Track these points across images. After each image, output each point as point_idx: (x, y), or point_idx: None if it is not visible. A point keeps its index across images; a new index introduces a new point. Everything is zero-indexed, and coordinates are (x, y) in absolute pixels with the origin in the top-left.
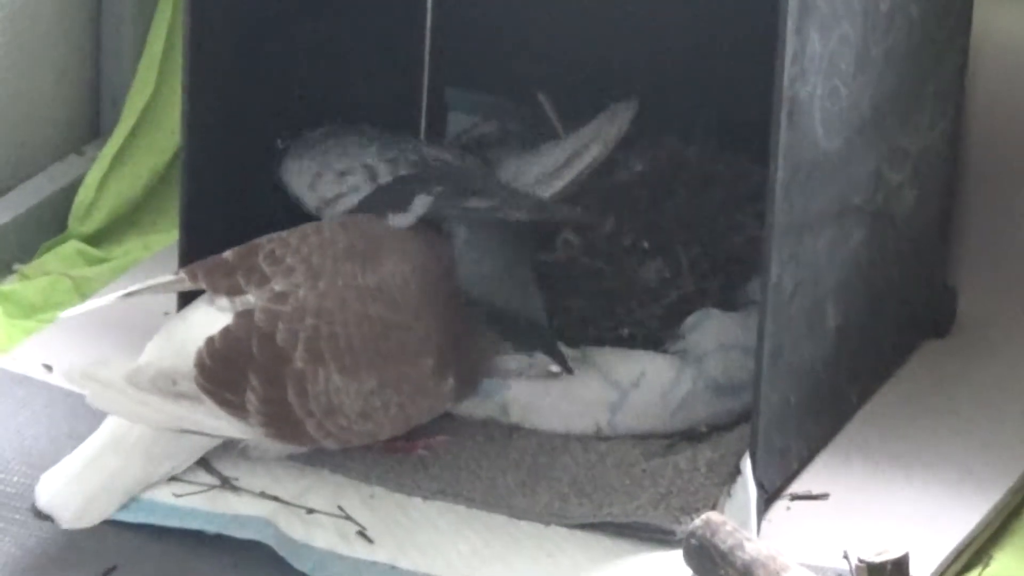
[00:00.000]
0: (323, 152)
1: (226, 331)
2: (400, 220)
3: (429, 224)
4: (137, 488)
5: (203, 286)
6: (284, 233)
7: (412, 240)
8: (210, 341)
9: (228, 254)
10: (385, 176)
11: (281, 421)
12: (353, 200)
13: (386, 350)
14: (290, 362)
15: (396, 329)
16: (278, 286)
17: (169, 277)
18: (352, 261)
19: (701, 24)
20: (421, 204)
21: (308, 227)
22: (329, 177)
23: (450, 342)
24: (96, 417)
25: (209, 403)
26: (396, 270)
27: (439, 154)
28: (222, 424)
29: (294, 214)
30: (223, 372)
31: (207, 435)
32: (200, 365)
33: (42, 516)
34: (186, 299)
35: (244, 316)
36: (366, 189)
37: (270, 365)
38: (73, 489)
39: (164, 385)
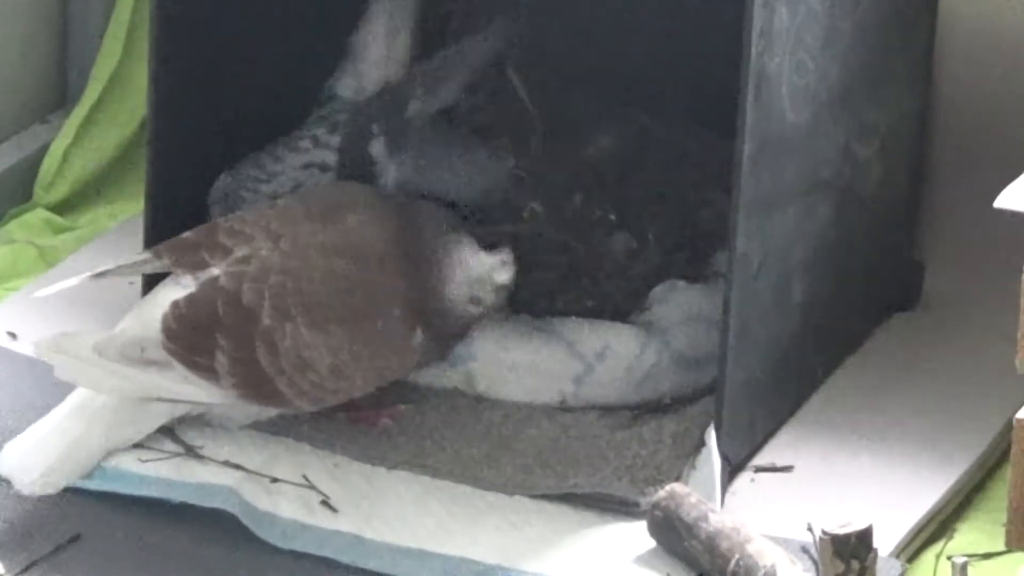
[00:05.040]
0: (252, 191)
1: (191, 295)
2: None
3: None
4: (99, 455)
5: (168, 264)
6: (240, 212)
7: (373, 198)
8: (175, 305)
9: (189, 233)
10: (327, 156)
11: (252, 381)
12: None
13: (353, 304)
14: (258, 320)
15: (362, 283)
16: (240, 252)
17: (136, 257)
18: (312, 222)
19: None
20: (378, 148)
21: (263, 205)
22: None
23: (418, 296)
24: (62, 385)
25: (179, 368)
26: (358, 227)
27: (320, 120)
28: (194, 389)
29: None
30: (190, 335)
31: (179, 402)
32: (167, 330)
33: (3, 481)
34: (151, 281)
35: (209, 282)
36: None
37: (238, 325)
38: (34, 455)
39: (132, 353)
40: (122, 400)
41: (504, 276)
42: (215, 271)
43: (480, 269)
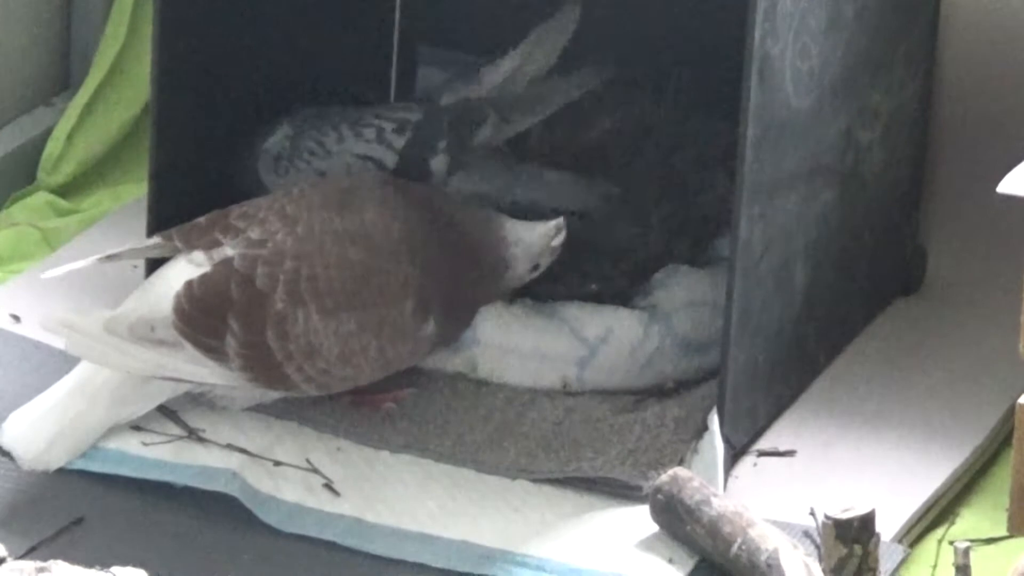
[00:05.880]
0: (306, 161)
1: (204, 276)
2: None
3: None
4: (99, 432)
5: (179, 246)
6: (254, 199)
7: (391, 188)
8: (188, 285)
9: (201, 219)
10: (385, 155)
11: (261, 365)
12: None
13: (365, 292)
14: (270, 304)
15: (376, 272)
16: (255, 235)
17: (146, 242)
18: (328, 209)
19: None
20: (439, 164)
21: (277, 191)
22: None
23: (432, 287)
24: (65, 367)
25: (189, 348)
26: (375, 216)
27: (394, 111)
28: (202, 370)
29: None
30: (202, 316)
31: (186, 381)
32: (178, 310)
33: (4, 453)
34: (155, 264)
35: (223, 263)
36: None
37: (250, 308)
38: (35, 429)
39: (142, 332)
40: (124, 377)
41: (559, 239)
42: (228, 251)
43: (541, 240)
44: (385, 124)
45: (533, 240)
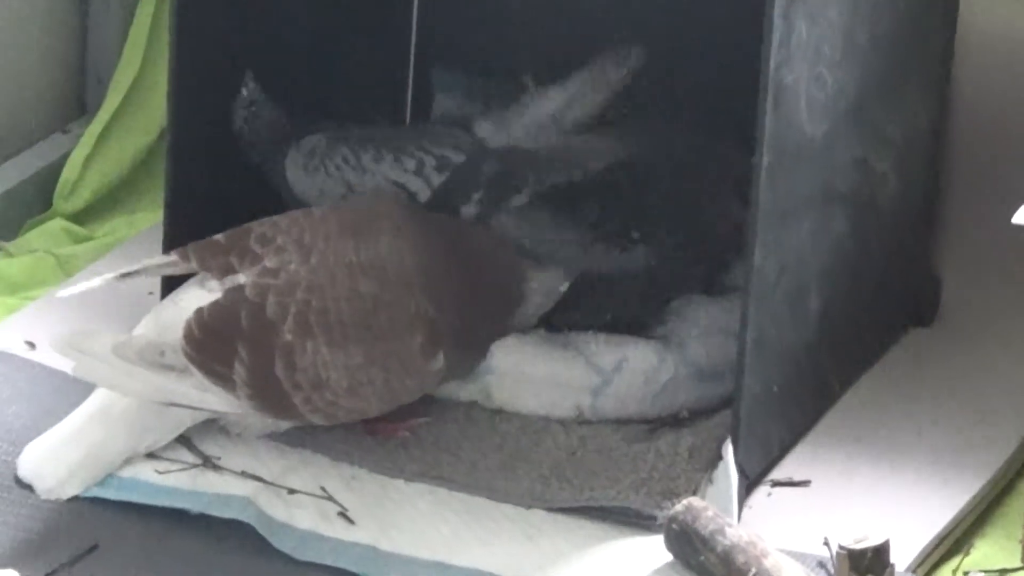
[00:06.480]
0: (337, 167)
1: (215, 303)
2: None
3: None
4: (118, 461)
5: (195, 266)
6: (275, 217)
7: (409, 218)
8: (199, 312)
9: (219, 236)
10: (421, 189)
11: (268, 394)
12: None
13: (375, 326)
14: (279, 334)
15: (386, 306)
16: (270, 263)
17: (162, 259)
18: (344, 239)
19: (687, 8)
20: (468, 212)
21: (298, 212)
22: None
23: (445, 320)
24: (80, 394)
25: (197, 375)
26: (391, 248)
27: (439, 146)
28: (209, 397)
29: (277, 193)
30: (211, 343)
31: (194, 408)
32: (188, 336)
33: (23, 485)
34: (170, 281)
35: (235, 290)
36: None
37: (259, 337)
38: (54, 459)
39: (151, 357)
40: (142, 406)
41: (564, 286)
42: (241, 278)
43: (556, 283)
44: (427, 158)
45: (548, 280)
